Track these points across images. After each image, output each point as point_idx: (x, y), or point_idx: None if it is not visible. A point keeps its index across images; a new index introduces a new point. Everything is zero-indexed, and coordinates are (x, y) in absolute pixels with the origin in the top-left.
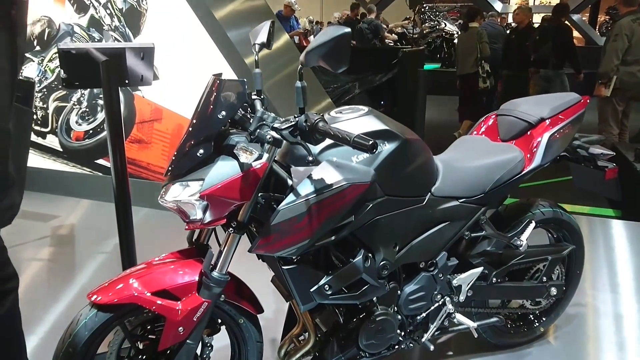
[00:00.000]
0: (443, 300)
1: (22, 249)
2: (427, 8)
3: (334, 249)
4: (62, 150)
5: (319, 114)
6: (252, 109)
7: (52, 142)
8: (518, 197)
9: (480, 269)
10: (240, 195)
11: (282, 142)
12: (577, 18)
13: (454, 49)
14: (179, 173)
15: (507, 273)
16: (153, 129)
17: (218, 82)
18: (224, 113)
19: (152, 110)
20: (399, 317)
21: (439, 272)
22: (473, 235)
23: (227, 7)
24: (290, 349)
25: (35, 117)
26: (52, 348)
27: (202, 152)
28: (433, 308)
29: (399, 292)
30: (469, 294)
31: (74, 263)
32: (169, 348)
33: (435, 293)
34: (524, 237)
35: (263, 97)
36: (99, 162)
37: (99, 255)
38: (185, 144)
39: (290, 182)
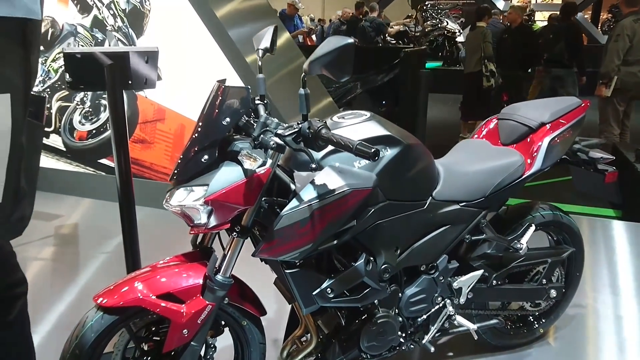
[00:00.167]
0: (444, 303)
1: (25, 248)
2: (429, 6)
3: (336, 253)
4: (65, 150)
5: (322, 121)
6: (255, 114)
7: (55, 141)
8: (519, 197)
9: (481, 272)
10: (244, 201)
11: (285, 148)
12: (579, 16)
13: (456, 47)
14: (184, 178)
15: (507, 275)
16: (156, 129)
17: (222, 88)
18: (228, 120)
19: (154, 111)
20: (400, 319)
21: (440, 274)
22: (473, 239)
23: (229, 7)
24: (293, 350)
25: None
26: (54, 347)
27: (206, 157)
28: (434, 310)
29: (400, 294)
30: (469, 296)
31: (77, 262)
32: (174, 349)
33: (436, 295)
34: (524, 240)
35: (266, 101)
36: (102, 161)
37: (102, 255)
38: (190, 150)
39: (293, 187)
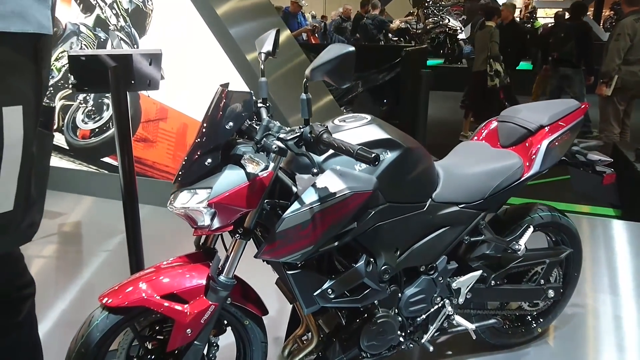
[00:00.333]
0: (443, 303)
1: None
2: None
3: (337, 254)
4: (68, 148)
5: (323, 125)
6: (258, 117)
7: (58, 140)
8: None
9: (479, 272)
10: (247, 203)
11: (287, 151)
12: None
13: (457, 45)
14: (188, 181)
15: (505, 276)
16: (158, 128)
17: (226, 93)
18: (232, 124)
19: (157, 110)
20: (400, 318)
21: (439, 275)
22: (472, 240)
23: (230, 6)
24: (294, 349)
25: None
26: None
27: (210, 161)
28: (433, 310)
29: (400, 294)
30: (468, 297)
31: (80, 259)
32: (177, 348)
33: (435, 296)
34: (522, 241)
35: (269, 104)
36: (105, 160)
37: (105, 252)
38: (194, 153)
39: (295, 189)
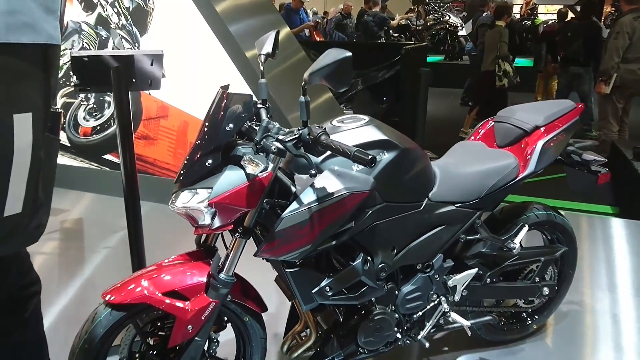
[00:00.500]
0: (439, 300)
1: None
2: None
3: (335, 253)
4: (69, 146)
5: (321, 127)
6: (257, 118)
7: (60, 137)
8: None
9: (475, 270)
10: (247, 203)
11: (286, 152)
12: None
13: (457, 41)
14: (189, 181)
15: (501, 274)
16: (159, 126)
17: (226, 95)
18: (232, 126)
19: (158, 108)
20: (397, 315)
21: (435, 273)
22: (468, 238)
23: (231, 5)
24: (293, 345)
25: None
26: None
27: (210, 162)
28: (429, 307)
29: (397, 292)
30: (464, 294)
31: (82, 256)
32: (178, 344)
33: (432, 293)
34: (518, 239)
35: (268, 105)
36: (106, 157)
37: (107, 249)
38: (195, 154)
39: (294, 189)
